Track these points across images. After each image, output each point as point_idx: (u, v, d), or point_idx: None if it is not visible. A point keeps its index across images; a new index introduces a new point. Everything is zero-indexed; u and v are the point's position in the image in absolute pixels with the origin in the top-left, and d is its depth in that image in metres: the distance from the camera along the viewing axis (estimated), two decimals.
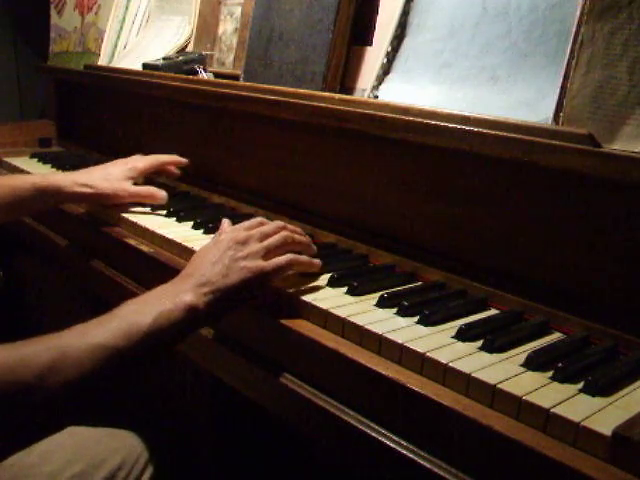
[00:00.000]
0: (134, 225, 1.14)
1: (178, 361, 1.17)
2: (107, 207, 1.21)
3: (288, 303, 0.84)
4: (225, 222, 0.91)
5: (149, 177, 1.29)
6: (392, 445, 0.67)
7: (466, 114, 0.85)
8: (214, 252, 0.81)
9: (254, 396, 0.85)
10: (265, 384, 0.82)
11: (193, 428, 1.24)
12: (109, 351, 0.67)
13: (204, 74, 1.45)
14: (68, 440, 0.96)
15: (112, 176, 1.20)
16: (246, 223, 0.88)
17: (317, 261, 0.89)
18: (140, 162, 1.26)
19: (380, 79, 1.08)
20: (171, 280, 0.79)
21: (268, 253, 0.83)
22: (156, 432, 1.10)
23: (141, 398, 1.33)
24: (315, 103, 1.05)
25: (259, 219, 0.90)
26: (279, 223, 0.89)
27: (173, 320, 0.72)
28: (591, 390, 0.63)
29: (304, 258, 0.87)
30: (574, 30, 0.83)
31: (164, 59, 1.48)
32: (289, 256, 0.84)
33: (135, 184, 1.23)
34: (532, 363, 0.68)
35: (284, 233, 0.87)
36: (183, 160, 1.31)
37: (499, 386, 0.63)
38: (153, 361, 0.77)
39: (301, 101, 1.08)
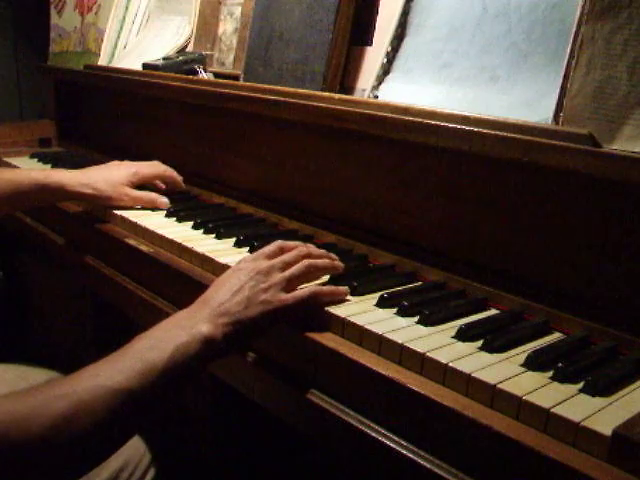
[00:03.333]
0: (134, 225, 1.14)
1: None
2: (106, 207, 1.22)
3: None
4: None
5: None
6: (392, 445, 0.67)
7: (466, 114, 0.85)
8: (234, 281, 0.77)
9: (255, 398, 0.85)
10: (267, 386, 0.82)
11: (195, 429, 1.24)
12: (124, 395, 0.63)
13: (204, 74, 1.45)
14: None
15: (115, 179, 1.20)
16: (267, 249, 0.83)
17: (342, 289, 0.83)
18: (145, 169, 1.26)
19: (380, 79, 1.08)
20: (187, 308, 0.75)
21: (290, 283, 0.79)
22: (159, 434, 1.10)
23: None
24: (315, 103, 1.05)
25: (279, 243, 0.84)
26: (301, 249, 0.85)
27: (190, 354, 0.68)
28: (591, 390, 0.63)
29: (327, 289, 0.82)
30: (574, 30, 0.83)
31: (164, 59, 1.48)
32: (311, 289, 0.80)
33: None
34: (532, 363, 0.68)
35: (306, 262, 0.82)
36: (180, 182, 1.32)
37: (499, 386, 0.63)
38: (170, 396, 0.71)
39: (301, 101, 1.08)
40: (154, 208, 1.22)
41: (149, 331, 0.71)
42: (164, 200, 1.22)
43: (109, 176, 1.21)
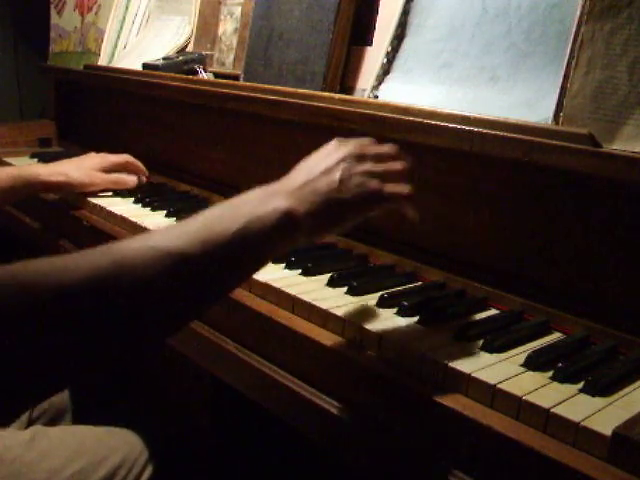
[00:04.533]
0: (134, 225, 1.14)
1: (178, 361, 1.17)
2: (81, 195, 1.29)
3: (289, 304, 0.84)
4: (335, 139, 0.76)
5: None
6: (392, 445, 0.67)
7: (466, 114, 0.85)
8: (325, 161, 0.69)
9: (253, 395, 0.85)
10: (265, 384, 0.82)
11: (193, 427, 1.24)
12: (179, 259, 0.55)
13: (204, 74, 1.45)
14: (68, 438, 0.96)
15: (86, 165, 1.31)
16: (357, 140, 0.74)
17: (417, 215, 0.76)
18: (111, 156, 1.35)
19: (380, 79, 1.08)
20: (268, 186, 0.67)
21: (385, 178, 0.71)
22: (157, 431, 1.10)
23: (142, 397, 1.33)
24: (315, 103, 1.05)
25: (369, 139, 0.76)
26: (394, 146, 0.77)
27: (265, 228, 0.60)
28: (591, 390, 0.63)
29: (411, 210, 0.74)
30: (574, 30, 0.83)
31: (164, 59, 1.48)
32: (408, 188, 0.72)
33: None
34: (532, 363, 0.68)
35: (403, 162, 0.74)
36: (145, 172, 1.39)
37: (499, 386, 0.63)
38: (238, 283, 0.63)
39: (301, 101, 1.08)
40: (154, 207, 1.22)
41: (223, 203, 0.63)
42: (132, 178, 1.33)
43: (81, 164, 1.31)
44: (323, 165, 0.68)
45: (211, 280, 0.59)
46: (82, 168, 1.29)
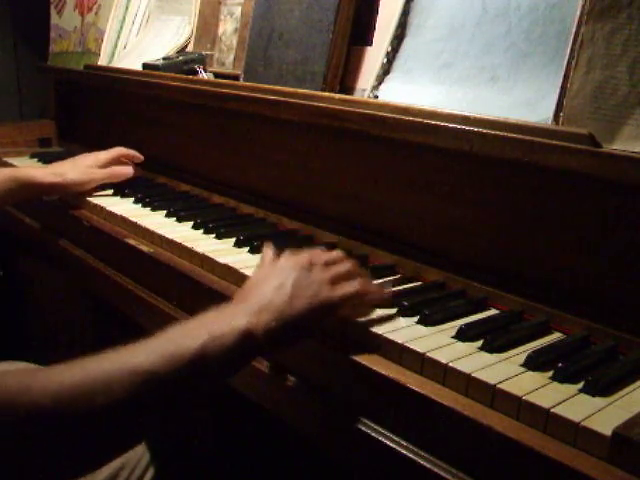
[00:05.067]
0: (134, 225, 1.14)
1: None
2: (80, 195, 1.30)
3: None
4: (268, 247, 0.81)
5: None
6: (392, 445, 0.67)
7: (466, 114, 0.85)
8: (275, 276, 0.72)
9: (253, 396, 0.85)
10: (265, 384, 0.82)
11: (194, 429, 1.24)
12: (144, 376, 0.58)
13: (204, 74, 1.45)
14: None
15: (81, 164, 1.31)
16: (305, 252, 0.78)
17: (387, 290, 0.81)
18: (102, 154, 1.36)
19: (380, 79, 1.08)
20: (223, 305, 0.71)
21: (334, 282, 0.73)
22: (158, 433, 1.10)
23: None
24: (315, 103, 1.05)
25: (319, 249, 0.80)
26: (339, 253, 0.80)
27: (225, 347, 0.63)
28: (591, 390, 0.63)
29: (374, 287, 0.78)
30: (574, 30, 0.83)
31: (164, 59, 1.48)
32: (357, 284, 0.74)
33: None
34: (532, 363, 0.68)
35: (349, 263, 0.78)
36: (140, 156, 1.41)
37: (499, 386, 0.63)
38: (200, 394, 0.67)
39: (301, 101, 1.08)
40: (154, 208, 1.22)
41: (183, 323, 0.67)
42: (128, 168, 1.35)
43: (75, 164, 1.31)
44: (275, 281, 0.71)
45: (176, 393, 0.63)
46: (77, 167, 1.30)
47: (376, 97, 1.07)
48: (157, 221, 1.15)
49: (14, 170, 1.30)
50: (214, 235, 1.07)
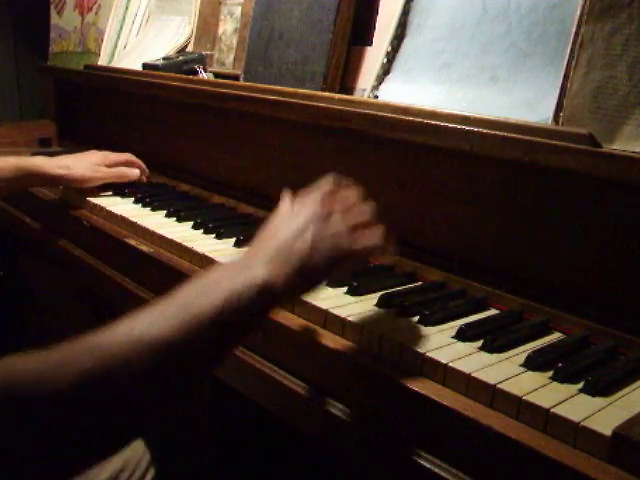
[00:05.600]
0: (134, 225, 1.14)
1: None
2: (82, 191, 1.30)
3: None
4: (286, 193, 0.76)
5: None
6: (392, 445, 0.67)
7: (466, 114, 0.85)
8: (293, 224, 0.68)
9: (253, 396, 0.85)
10: (263, 383, 0.82)
11: (194, 429, 1.24)
12: (165, 348, 0.55)
13: (204, 74, 1.45)
14: None
15: (87, 160, 1.31)
16: (320, 192, 0.74)
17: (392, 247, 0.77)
18: (113, 154, 1.36)
19: (380, 79, 1.08)
20: (241, 255, 0.67)
21: (354, 231, 0.70)
22: (158, 434, 1.10)
23: None
24: (315, 103, 1.05)
25: (331, 183, 0.75)
26: (356, 189, 0.76)
27: (246, 301, 0.59)
28: (591, 390, 0.63)
29: (392, 247, 0.74)
30: (574, 30, 0.83)
31: (164, 59, 1.48)
32: (379, 236, 0.71)
33: None
34: (532, 363, 0.68)
35: (368, 209, 0.74)
36: (145, 170, 1.41)
37: (499, 386, 0.63)
38: (222, 357, 0.63)
39: (301, 101, 1.08)
40: (154, 207, 1.22)
41: (199, 278, 0.63)
42: (135, 171, 1.35)
43: (82, 159, 1.32)
44: (293, 228, 0.67)
45: (196, 361, 0.59)
46: (84, 162, 1.30)
47: (376, 97, 1.07)
48: (157, 221, 1.15)
49: (21, 159, 1.31)
50: (214, 235, 1.07)
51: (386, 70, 1.08)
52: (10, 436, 0.51)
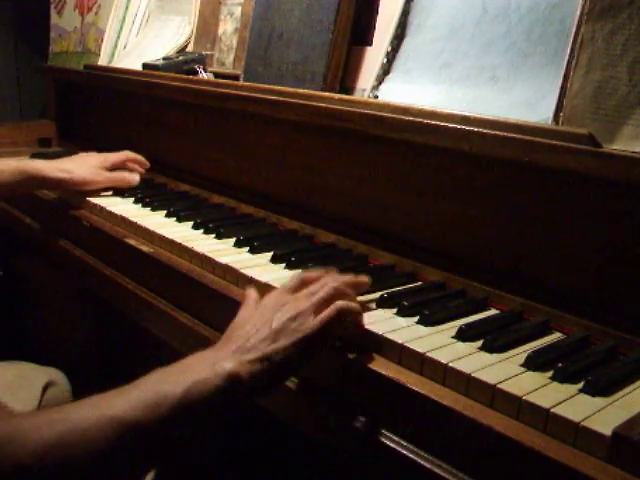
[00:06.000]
0: (134, 225, 1.14)
1: (176, 360, 1.17)
2: (82, 194, 1.30)
3: None
4: (251, 288, 0.80)
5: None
6: (392, 445, 0.67)
7: (466, 114, 0.85)
8: (259, 316, 0.71)
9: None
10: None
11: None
12: (125, 425, 0.57)
13: (204, 74, 1.45)
14: None
15: (88, 164, 1.32)
16: (288, 285, 0.77)
17: (365, 281, 0.80)
18: (112, 156, 1.37)
19: (380, 79, 1.08)
20: (208, 348, 0.69)
21: (318, 310, 0.71)
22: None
23: None
24: (315, 103, 1.05)
25: (301, 276, 0.78)
26: (325, 278, 0.77)
27: (209, 390, 0.62)
28: (591, 390, 0.63)
29: (354, 305, 0.75)
30: (574, 30, 0.83)
31: (164, 59, 1.48)
32: (338, 304, 0.72)
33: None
34: (532, 363, 0.68)
35: (332, 285, 0.75)
36: (146, 163, 1.42)
37: (499, 386, 0.63)
38: (184, 440, 0.64)
39: (301, 101, 1.08)
40: (154, 207, 1.22)
41: (167, 367, 0.65)
42: (135, 176, 1.35)
43: (83, 162, 1.32)
44: (258, 321, 0.70)
45: (158, 440, 0.61)
46: (84, 166, 1.30)
47: (376, 97, 1.07)
48: (157, 221, 1.15)
49: (22, 162, 1.31)
50: (214, 235, 1.07)
51: (386, 70, 1.08)
52: None
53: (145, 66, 1.50)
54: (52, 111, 1.95)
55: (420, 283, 0.92)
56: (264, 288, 0.86)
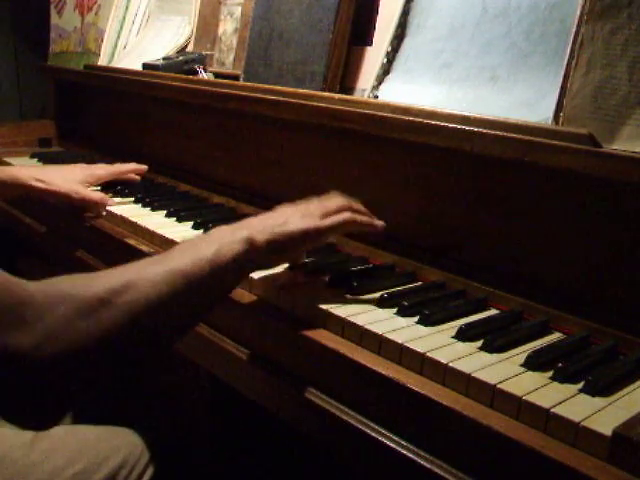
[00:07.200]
0: (134, 225, 1.14)
1: (179, 361, 1.17)
2: (59, 206, 1.26)
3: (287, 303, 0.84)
4: None
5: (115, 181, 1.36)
6: (392, 445, 0.67)
7: (466, 114, 0.85)
8: (272, 213, 0.84)
9: (254, 396, 0.85)
10: (265, 385, 0.82)
11: (194, 427, 1.24)
12: (181, 274, 0.68)
13: (204, 74, 1.45)
14: (70, 438, 0.96)
15: (70, 177, 1.26)
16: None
17: (380, 222, 0.89)
18: (100, 170, 1.33)
19: (380, 79, 1.08)
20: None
21: (325, 216, 0.84)
22: (158, 431, 1.10)
23: (143, 397, 1.33)
24: (315, 103, 1.05)
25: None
26: (338, 196, 0.90)
27: (235, 251, 0.74)
28: (591, 390, 0.63)
29: (363, 218, 0.88)
30: (574, 30, 0.83)
31: (164, 59, 1.48)
32: (345, 215, 0.86)
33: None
34: (532, 363, 0.68)
35: (342, 199, 0.89)
36: (142, 167, 1.39)
37: (499, 386, 0.63)
38: (221, 294, 0.77)
39: (301, 101, 1.08)
40: (154, 207, 1.22)
41: (194, 238, 0.79)
42: (109, 201, 1.25)
43: (65, 174, 1.27)
44: (275, 212, 0.85)
45: (202, 294, 0.73)
46: (65, 178, 1.25)
47: (376, 97, 1.07)
48: (157, 221, 1.15)
49: (3, 168, 1.30)
50: None
51: (386, 70, 1.08)
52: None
53: (145, 66, 1.50)
54: (52, 111, 1.95)
55: (420, 283, 0.92)
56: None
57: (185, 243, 0.77)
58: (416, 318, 0.78)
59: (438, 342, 0.72)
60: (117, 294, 0.64)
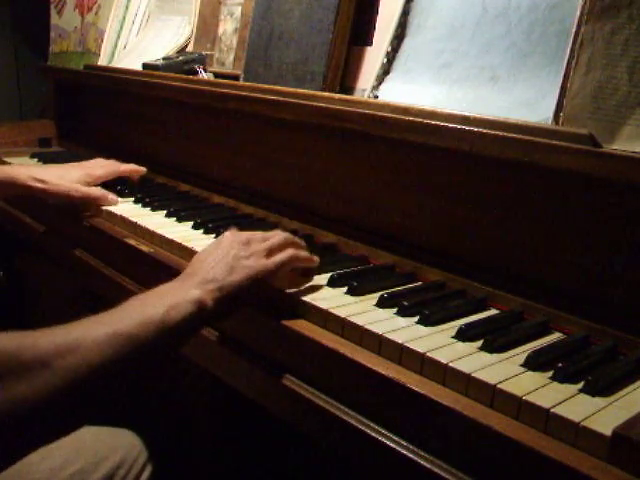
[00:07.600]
0: (134, 225, 1.14)
1: (178, 361, 1.17)
2: (59, 205, 1.26)
3: (288, 304, 0.84)
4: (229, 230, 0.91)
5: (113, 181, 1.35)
6: (392, 445, 0.67)
7: (466, 114, 0.85)
8: (217, 252, 0.82)
9: (254, 396, 0.85)
10: (265, 384, 0.82)
11: (193, 427, 1.24)
12: (127, 338, 0.67)
13: (204, 74, 1.45)
14: (68, 438, 0.96)
15: (68, 176, 1.26)
16: (248, 232, 0.89)
17: (316, 257, 0.90)
18: (99, 170, 1.32)
19: (380, 79, 1.08)
20: (174, 280, 0.79)
21: (270, 253, 0.84)
22: (156, 431, 1.10)
23: (141, 397, 1.33)
24: (315, 103, 1.05)
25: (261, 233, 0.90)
26: (280, 232, 0.91)
27: (183, 313, 0.72)
28: (591, 390, 0.63)
29: (304, 254, 0.88)
30: (574, 30, 0.83)
31: (164, 59, 1.48)
32: (289, 252, 0.85)
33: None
34: (532, 363, 0.68)
35: (285, 234, 0.89)
36: (141, 169, 1.39)
37: (499, 386, 0.63)
38: (165, 358, 0.77)
39: (301, 101, 1.08)
40: (154, 207, 1.22)
41: (142, 294, 0.75)
42: (114, 197, 1.26)
43: (62, 173, 1.26)
44: (217, 255, 0.82)
45: (148, 355, 0.71)
46: (62, 178, 1.24)
47: (376, 97, 1.07)
48: (157, 221, 1.15)
49: (3, 167, 1.29)
50: (214, 235, 1.07)
51: (386, 70, 1.08)
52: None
53: (145, 66, 1.50)
54: (52, 111, 1.95)
55: (420, 283, 0.92)
56: None
57: (134, 300, 0.74)
58: (416, 318, 0.78)
59: (438, 342, 0.72)
60: (58, 356, 0.63)
